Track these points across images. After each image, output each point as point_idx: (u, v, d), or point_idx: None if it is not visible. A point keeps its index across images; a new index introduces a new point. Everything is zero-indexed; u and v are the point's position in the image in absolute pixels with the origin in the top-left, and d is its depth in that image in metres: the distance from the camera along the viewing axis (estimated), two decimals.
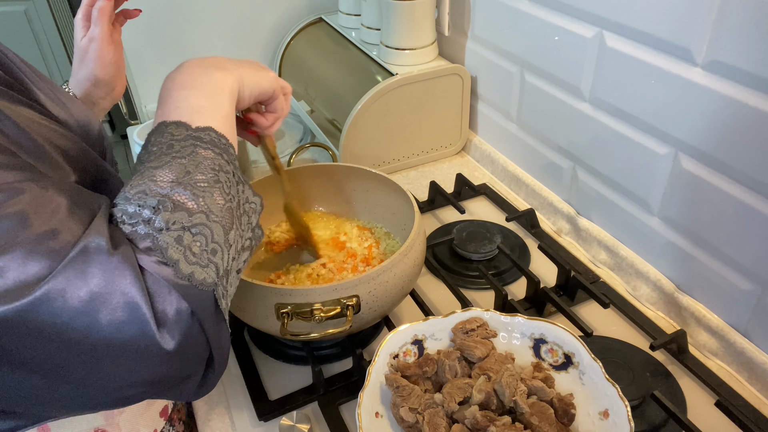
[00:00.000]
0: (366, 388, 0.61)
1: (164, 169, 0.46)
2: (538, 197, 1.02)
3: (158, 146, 0.49)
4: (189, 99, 0.52)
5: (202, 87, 0.53)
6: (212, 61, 0.57)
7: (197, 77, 0.54)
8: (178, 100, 0.52)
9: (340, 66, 1.19)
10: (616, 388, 0.58)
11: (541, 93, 0.95)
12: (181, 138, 0.48)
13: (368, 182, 0.87)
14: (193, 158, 0.48)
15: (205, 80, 0.54)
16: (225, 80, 0.55)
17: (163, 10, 1.21)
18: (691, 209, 0.74)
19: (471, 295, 0.86)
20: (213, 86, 0.54)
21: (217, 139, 0.50)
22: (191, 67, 0.55)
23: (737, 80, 0.64)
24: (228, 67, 0.57)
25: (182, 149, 0.48)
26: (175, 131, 0.49)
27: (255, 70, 0.60)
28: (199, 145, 0.49)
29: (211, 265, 0.45)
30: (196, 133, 0.49)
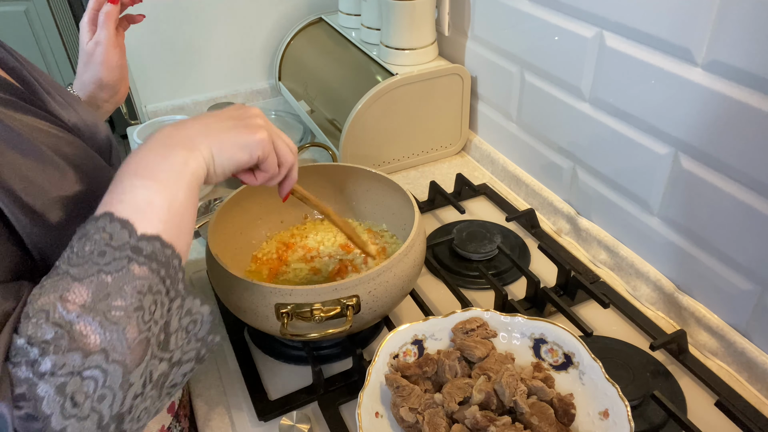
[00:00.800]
0: (366, 388, 0.61)
1: (82, 285, 0.41)
2: (538, 197, 1.02)
3: (91, 246, 0.43)
4: (137, 191, 0.46)
5: (157, 175, 0.47)
6: (180, 135, 0.51)
7: (154, 162, 0.48)
8: (125, 190, 0.46)
9: (340, 66, 1.19)
10: (616, 388, 0.58)
11: (541, 93, 0.95)
12: (118, 246, 0.43)
13: (368, 182, 0.87)
14: (120, 277, 0.42)
15: (164, 166, 0.48)
16: (187, 164, 0.49)
17: (163, 10, 1.21)
18: (691, 209, 0.74)
19: (471, 295, 0.86)
20: (170, 174, 0.47)
21: (160, 251, 0.45)
22: (151, 147, 0.49)
23: (737, 80, 0.64)
24: (197, 144, 0.50)
25: (114, 262, 0.42)
26: (116, 234, 0.43)
27: (233, 138, 0.52)
28: (135, 261, 0.43)
29: (93, 414, 0.40)
30: (138, 244, 0.44)
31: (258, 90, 1.40)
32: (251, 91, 1.40)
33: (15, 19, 2.72)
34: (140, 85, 1.28)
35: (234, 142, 0.52)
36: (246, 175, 0.58)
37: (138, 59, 1.24)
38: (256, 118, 0.56)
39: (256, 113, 0.56)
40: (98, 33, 0.75)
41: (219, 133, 0.52)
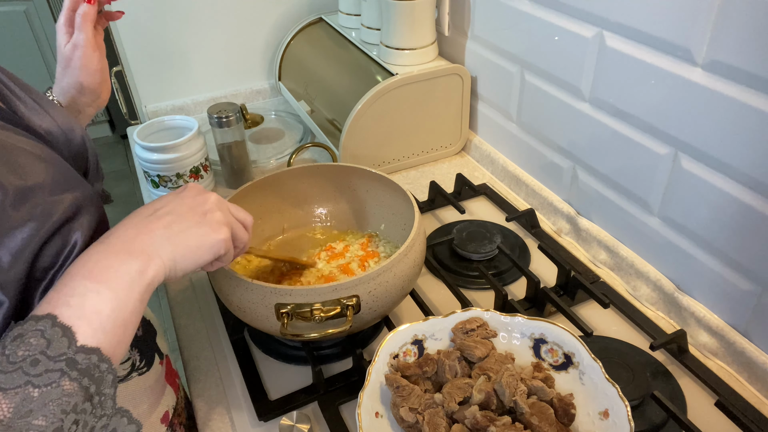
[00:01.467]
0: (366, 388, 0.61)
1: (6, 398, 0.38)
2: (538, 197, 1.02)
3: (25, 351, 0.40)
4: (88, 296, 0.44)
5: (112, 282, 0.45)
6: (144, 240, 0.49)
7: (112, 267, 0.46)
8: (75, 292, 0.44)
9: (340, 66, 1.19)
10: (616, 388, 0.58)
11: (541, 93, 0.95)
12: (54, 356, 0.40)
13: (368, 182, 0.87)
14: (48, 393, 0.39)
15: (121, 272, 0.46)
16: (144, 273, 0.47)
17: (163, 9, 1.21)
18: (691, 209, 0.74)
19: (471, 295, 0.86)
20: (126, 281, 0.46)
21: (95, 366, 0.42)
22: (112, 249, 0.48)
23: (737, 80, 0.64)
24: (160, 250, 0.49)
25: (45, 374, 0.40)
26: (54, 342, 0.41)
27: (197, 238, 0.52)
28: (67, 375, 0.41)
29: None
30: (75, 356, 0.41)
31: (258, 90, 1.40)
32: (251, 91, 1.40)
33: (15, 19, 2.72)
34: (140, 85, 1.28)
35: (197, 245, 0.52)
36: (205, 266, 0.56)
37: (138, 59, 1.24)
38: (215, 211, 0.55)
39: (213, 203, 0.56)
40: (76, 35, 0.72)
41: (181, 237, 0.51)
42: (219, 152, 1.08)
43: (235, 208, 0.60)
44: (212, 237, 0.53)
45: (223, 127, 1.02)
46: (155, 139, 1.02)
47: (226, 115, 1.01)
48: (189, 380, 0.77)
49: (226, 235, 0.54)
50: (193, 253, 0.52)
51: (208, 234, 0.53)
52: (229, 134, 1.04)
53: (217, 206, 0.55)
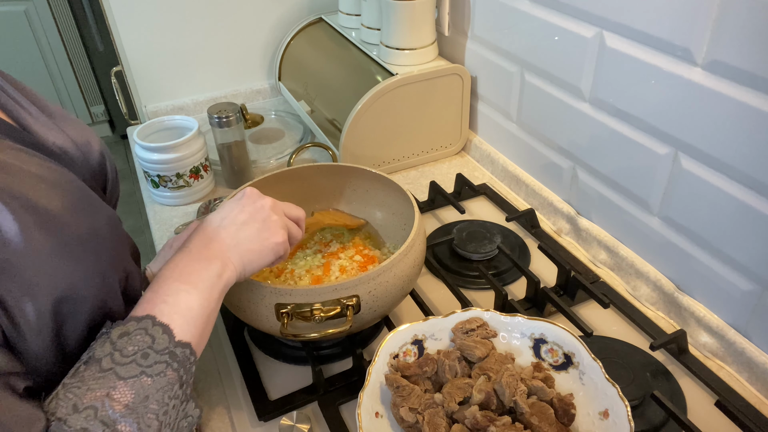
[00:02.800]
0: (366, 388, 0.61)
1: (128, 385, 0.45)
2: (538, 197, 1.02)
3: (134, 347, 0.47)
4: (179, 296, 0.51)
5: (197, 284, 0.53)
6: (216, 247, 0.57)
7: (196, 271, 0.54)
8: (169, 293, 0.51)
9: (340, 66, 1.19)
10: (616, 388, 0.58)
11: (541, 93, 0.95)
12: (160, 350, 0.48)
13: (368, 182, 0.87)
14: (158, 380, 0.47)
15: (204, 276, 0.54)
16: (222, 276, 0.55)
17: (163, 10, 1.21)
18: (691, 209, 0.74)
19: (471, 295, 0.86)
20: (208, 284, 0.54)
21: (188, 358, 0.49)
22: (193, 255, 0.55)
23: (737, 80, 0.64)
24: (230, 257, 0.57)
25: (155, 365, 0.47)
26: (158, 337, 0.48)
27: (260, 243, 0.59)
28: (170, 365, 0.48)
29: None
30: (175, 349, 0.48)
31: (258, 90, 1.40)
32: (251, 91, 1.40)
33: (15, 19, 2.72)
34: (140, 85, 1.28)
35: (260, 249, 0.59)
36: None
37: (138, 59, 1.24)
38: (273, 215, 0.62)
39: (270, 208, 0.62)
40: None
41: (247, 244, 0.59)
42: (219, 152, 1.08)
43: (287, 207, 0.66)
44: (272, 241, 0.60)
45: (223, 127, 1.02)
46: (155, 139, 1.02)
47: (226, 115, 1.01)
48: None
49: (284, 237, 0.62)
50: (258, 257, 0.59)
51: (269, 239, 0.60)
52: (229, 134, 1.04)
53: (273, 210, 0.62)
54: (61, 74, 2.96)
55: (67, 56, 2.93)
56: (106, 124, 3.32)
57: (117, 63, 1.27)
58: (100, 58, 2.97)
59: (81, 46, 2.95)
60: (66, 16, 2.84)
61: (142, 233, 2.69)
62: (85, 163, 0.59)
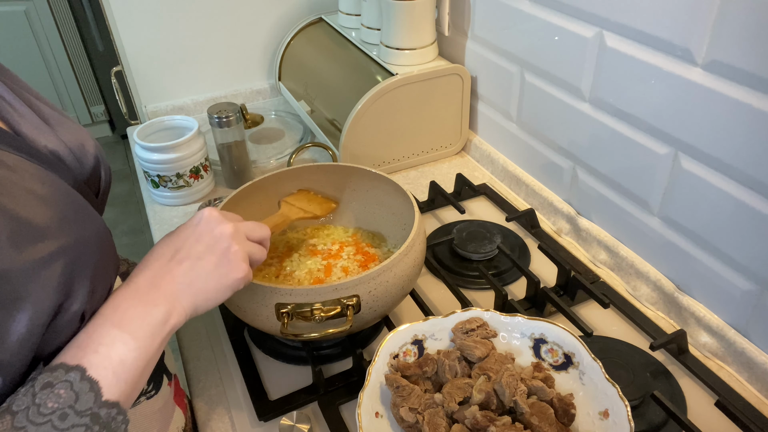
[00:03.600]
0: (366, 388, 0.61)
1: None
2: (538, 197, 1.02)
3: (54, 404, 0.42)
4: (115, 347, 0.47)
5: (137, 332, 0.48)
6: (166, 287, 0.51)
7: (138, 317, 0.49)
8: (103, 341, 0.47)
9: (340, 66, 1.19)
10: (616, 388, 0.58)
11: (541, 93, 0.95)
12: (82, 410, 0.43)
13: (368, 182, 0.87)
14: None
15: (146, 323, 0.49)
16: (167, 322, 0.51)
17: (163, 10, 1.21)
18: (691, 209, 0.74)
19: (471, 295, 0.86)
20: (149, 333, 0.49)
21: (113, 418, 0.45)
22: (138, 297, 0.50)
23: (737, 80, 0.64)
24: (182, 299, 0.52)
25: (72, 428, 0.42)
26: (83, 395, 0.43)
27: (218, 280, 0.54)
28: (90, 429, 0.43)
29: None
30: (99, 410, 0.44)
31: (258, 90, 1.40)
32: (251, 91, 1.40)
33: (15, 19, 2.73)
34: (140, 85, 1.28)
35: (216, 287, 0.54)
36: None
37: (138, 59, 1.24)
38: (232, 246, 0.55)
39: (229, 237, 0.55)
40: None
41: (201, 283, 0.53)
42: (219, 152, 1.08)
43: (251, 229, 0.60)
44: (231, 277, 0.55)
45: (223, 127, 1.02)
46: (155, 139, 1.02)
47: (226, 115, 1.01)
48: (189, 380, 0.77)
49: (245, 273, 0.56)
50: (213, 295, 0.54)
51: (227, 275, 0.55)
52: (229, 134, 1.04)
53: (233, 239, 0.56)
54: (61, 74, 2.96)
55: (67, 56, 2.93)
56: (106, 124, 3.32)
57: (117, 63, 1.27)
58: (100, 58, 2.97)
59: (81, 46, 2.95)
60: (66, 16, 2.84)
61: (142, 233, 2.69)
62: (79, 169, 0.55)
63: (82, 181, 0.55)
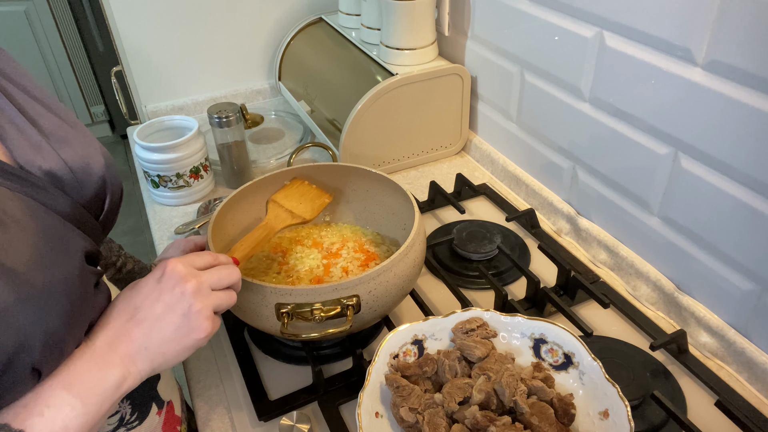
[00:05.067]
0: (366, 388, 0.61)
1: None
2: (538, 197, 1.02)
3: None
4: (61, 411, 0.45)
5: (87, 398, 0.47)
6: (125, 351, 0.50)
7: (90, 381, 0.47)
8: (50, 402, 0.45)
9: (340, 66, 1.19)
10: (616, 388, 0.58)
11: (541, 93, 0.95)
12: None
13: (368, 182, 0.87)
14: None
15: (98, 389, 0.47)
16: (121, 387, 0.49)
17: (163, 10, 1.21)
18: (691, 209, 0.74)
19: (471, 295, 0.86)
20: (100, 398, 0.47)
21: None
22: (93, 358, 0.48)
23: (737, 80, 0.64)
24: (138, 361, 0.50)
25: None
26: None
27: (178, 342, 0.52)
28: None
29: None
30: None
31: (258, 90, 1.40)
32: (251, 91, 1.40)
33: (15, 19, 2.72)
34: (140, 85, 1.28)
35: (177, 349, 0.52)
36: None
37: (138, 59, 1.24)
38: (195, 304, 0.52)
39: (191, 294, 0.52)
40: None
41: (161, 345, 0.51)
42: (219, 152, 1.08)
43: (218, 278, 0.56)
44: (192, 337, 0.52)
45: (223, 127, 1.02)
46: (155, 139, 1.02)
47: (226, 115, 1.01)
48: (189, 380, 0.77)
49: (208, 331, 0.53)
50: (172, 356, 0.52)
51: (188, 335, 0.52)
52: (229, 134, 1.04)
53: (195, 297, 0.53)
54: (61, 74, 2.96)
55: (67, 56, 2.93)
56: (106, 124, 3.32)
57: (117, 63, 1.27)
58: (100, 58, 2.97)
59: (81, 46, 2.95)
60: (66, 16, 2.84)
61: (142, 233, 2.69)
62: (78, 190, 0.51)
63: (81, 204, 0.52)
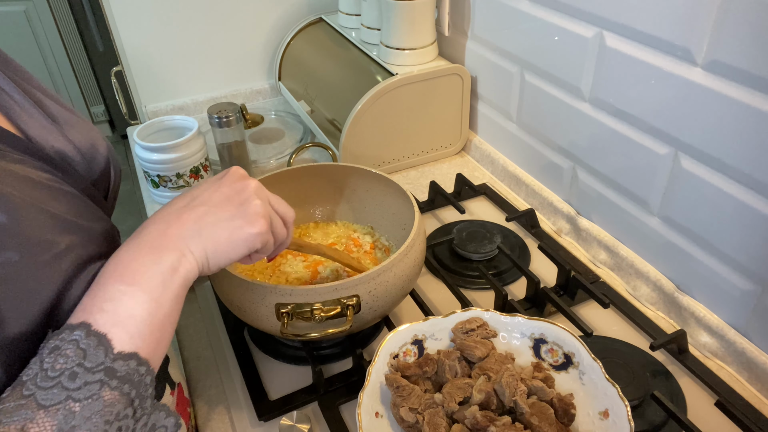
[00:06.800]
0: (366, 388, 0.61)
1: (48, 415, 0.37)
2: (538, 197, 1.02)
3: (62, 364, 0.39)
4: (122, 301, 0.43)
5: (144, 283, 0.44)
6: (173, 235, 0.47)
7: (143, 267, 0.45)
8: (108, 296, 0.43)
9: (340, 66, 1.19)
10: (616, 388, 0.58)
11: (541, 93, 0.95)
12: (91, 368, 0.39)
13: (368, 182, 0.87)
14: (89, 405, 0.39)
15: (153, 272, 0.45)
16: (177, 271, 0.46)
17: (163, 10, 1.21)
18: (691, 209, 0.74)
19: (471, 295, 0.86)
20: (159, 281, 0.45)
21: (134, 370, 0.41)
22: (143, 247, 0.46)
23: (737, 80, 0.64)
24: (190, 245, 0.47)
25: (84, 387, 0.39)
26: (90, 353, 0.40)
27: (231, 232, 0.49)
28: (107, 384, 0.40)
29: None
30: (113, 364, 0.40)
31: (258, 90, 1.40)
32: (251, 91, 1.40)
33: (15, 19, 2.73)
34: (140, 85, 1.28)
35: (231, 239, 0.49)
36: (243, 259, 0.54)
37: (138, 59, 1.24)
38: (253, 200, 0.51)
39: (252, 191, 0.52)
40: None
41: (213, 230, 0.48)
42: (219, 152, 1.08)
43: (276, 200, 0.56)
44: (246, 231, 0.50)
45: (223, 127, 1.02)
46: (155, 139, 1.02)
47: (226, 115, 1.01)
48: (189, 380, 0.77)
49: (263, 228, 0.51)
50: (226, 248, 0.49)
51: (242, 227, 0.49)
52: (229, 134, 1.04)
53: (255, 194, 0.51)
54: (61, 74, 2.96)
55: (67, 56, 2.93)
56: (106, 124, 3.32)
57: (117, 63, 1.27)
58: (100, 58, 2.97)
59: (81, 46, 2.95)
60: (66, 16, 2.84)
61: None
62: (87, 171, 0.54)
63: (90, 183, 0.54)
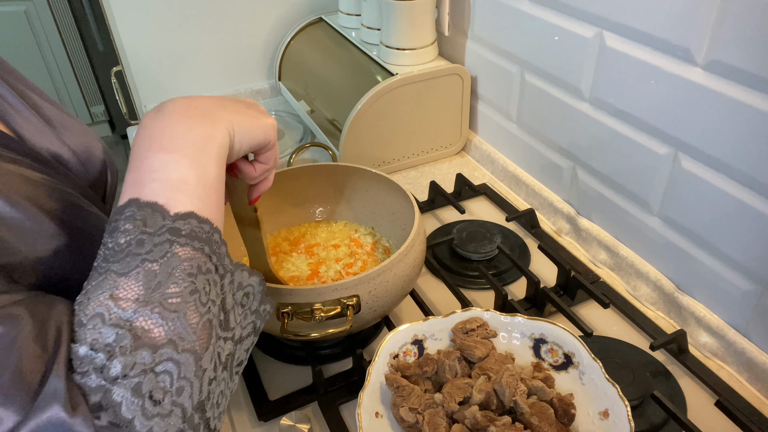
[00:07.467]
0: (366, 388, 0.61)
1: (130, 279, 0.39)
2: (538, 197, 1.02)
3: (126, 238, 0.40)
4: (168, 168, 0.43)
5: (185, 148, 0.44)
6: (199, 106, 0.47)
7: (179, 134, 0.44)
8: (154, 168, 0.43)
9: (340, 66, 1.19)
10: (616, 388, 0.58)
11: (541, 93, 0.95)
12: (155, 231, 0.40)
13: (368, 182, 0.87)
14: (167, 262, 0.40)
15: (190, 138, 0.44)
16: (213, 135, 0.46)
17: (163, 10, 1.21)
18: (691, 209, 0.74)
19: (471, 295, 0.86)
20: (198, 146, 0.45)
21: (198, 228, 0.42)
22: (173, 118, 0.45)
23: (737, 80, 0.64)
24: (218, 116, 0.47)
25: (155, 248, 0.40)
26: (149, 220, 0.40)
27: (249, 117, 0.50)
28: (176, 242, 0.40)
29: (176, 409, 0.38)
30: (174, 224, 0.41)
31: (258, 90, 1.40)
32: (251, 91, 1.40)
33: (15, 19, 2.72)
34: (140, 85, 1.28)
35: (249, 121, 0.50)
36: (247, 167, 0.55)
37: (138, 59, 1.24)
38: (261, 108, 0.54)
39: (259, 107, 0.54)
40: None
41: (235, 113, 0.49)
42: None
43: None
44: (263, 120, 0.51)
45: None
46: None
47: None
48: None
49: (275, 122, 0.53)
50: (248, 127, 0.49)
51: (259, 117, 0.51)
52: None
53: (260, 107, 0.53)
54: (61, 74, 2.96)
55: (67, 56, 2.92)
56: (106, 124, 3.31)
57: (117, 63, 1.27)
58: (100, 58, 2.97)
59: (81, 46, 2.95)
60: (66, 16, 2.84)
61: None
62: (83, 173, 0.54)
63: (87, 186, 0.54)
